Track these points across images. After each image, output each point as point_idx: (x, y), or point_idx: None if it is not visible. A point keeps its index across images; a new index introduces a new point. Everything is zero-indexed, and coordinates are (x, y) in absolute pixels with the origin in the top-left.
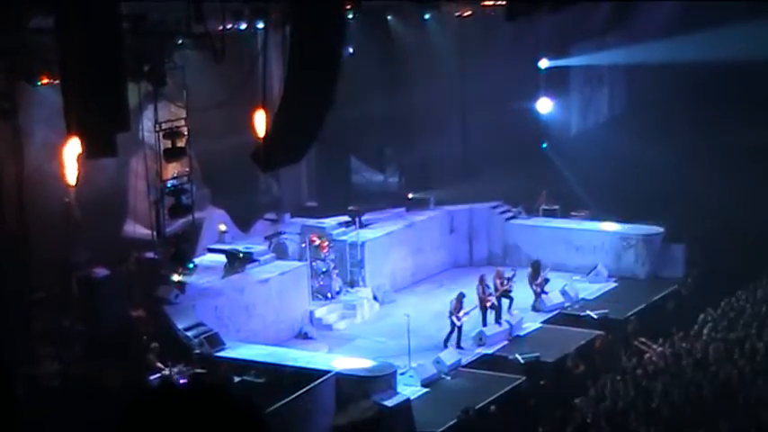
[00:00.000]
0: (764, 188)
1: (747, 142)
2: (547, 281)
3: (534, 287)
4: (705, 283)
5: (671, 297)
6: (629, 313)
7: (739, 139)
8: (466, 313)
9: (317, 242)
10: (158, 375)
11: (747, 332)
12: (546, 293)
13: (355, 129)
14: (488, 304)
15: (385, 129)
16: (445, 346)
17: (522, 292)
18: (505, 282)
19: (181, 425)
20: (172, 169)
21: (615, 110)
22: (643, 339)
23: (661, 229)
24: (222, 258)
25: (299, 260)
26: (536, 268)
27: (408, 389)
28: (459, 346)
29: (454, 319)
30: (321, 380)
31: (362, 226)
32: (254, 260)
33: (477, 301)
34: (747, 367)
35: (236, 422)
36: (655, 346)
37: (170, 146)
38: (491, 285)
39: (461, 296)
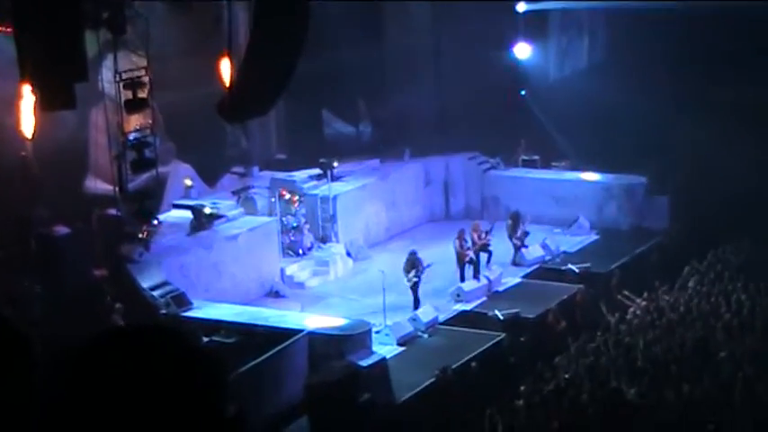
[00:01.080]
0: (750, 138)
1: (732, 91)
2: (527, 234)
3: (514, 241)
4: (690, 235)
5: (655, 249)
6: (612, 266)
7: (723, 87)
8: (419, 273)
9: (288, 196)
10: None
11: (734, 285)
12: (526, 247)
13: (326, 79)
14: (466, 259)
15: (357, 79)
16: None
17: (501, 246)
18: (483, 235)
19: (128, 367)
20: (134, 122)
21: (595, 57)
22: (626, 293)
23: (644, 180)
24: (188, 215)
25: (269, 215)
26: (515, 221)
27: (384, 348)
28: (415, 307)
29: (405, 280)
30: (293, 339)
31: (334, 179)
32: (222, 216)
33: (454, 257)
34: (734, 320)
35: (186, 362)
36: (638, 300)
37: (131, 97)
38: (469, 240)
39: (412, 254)
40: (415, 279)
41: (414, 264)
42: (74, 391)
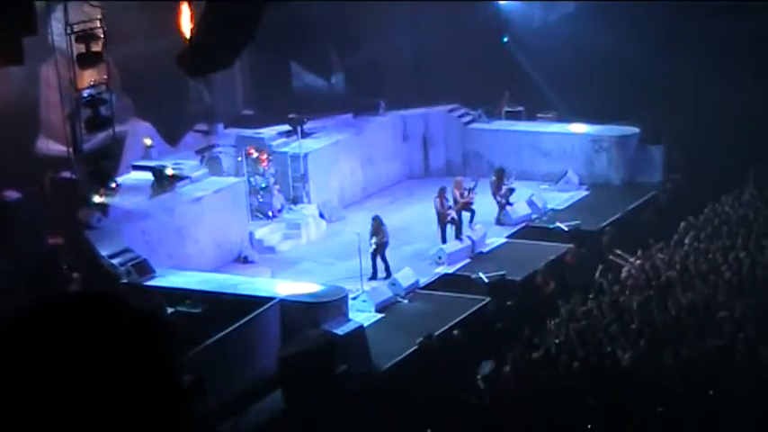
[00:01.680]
0: (749, 82)
1: (728, 32)
2: (512, 191)
3: (498, 198)
4: (686, 188)
5: (649, 204)
6: (604, 224)
7: (719, 29)
8: (383, 239)
9: (255, 155)
10: None
11: (733, 241)
12: (511, 205)
13: (294, 28)
14: (448, 219)
15: (328, 27)
16: (373, 278)
17: (485, 204)
18: (466, 193)
19: (66, 337)
20: (88, 77)
21: None
22: (619, 252)
23: (636, 130)
24: (149, 176)
25: (236, 176)
26: (499, 177)
27: (361, 315)
28: (387, 275)
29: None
30: (264, 308)
31: (305, 135)
32: (185, 177)
33: (435, 216)
34: (734, 278)
35: (131, 330)
36: (632, 260)
37: (84, 50)
38: (450, 198)
39: (375, 219)
40: (374, 246)
41: (378, 229)
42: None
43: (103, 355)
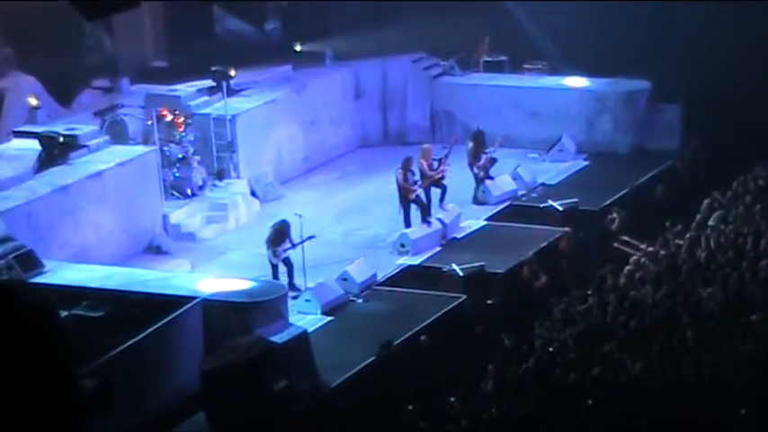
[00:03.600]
0: None
1: None
2: (493, 161)
3: (475, 170)
4: (709, 157)
5: (663, 177)
6: (607, 202)
7: None
8: (291, 246)
9: (170, 118)
10: None
11: (767, 223)
12: (492, 178)
13: None
14: (412, 197)
15: None
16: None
17: (460, 178)
18: (435, 164)
19: None
20: None
21: None
22: (626, 238)
23: (647, 85)
24: (35, 145)
25: (145, 144)
26: (477, 144)
27: (305, 318)
28: (290, 287)
29: (270, 253)
30: (182, 309)
31: (232, 93)
32: (82, 146)
33: (396, 194)
34: None
35: (20, 321)
36: (643, 246)
37: None
38: (416, 171)
39: (282, 225)
40: (285, 255)
41: (283, 234)
42: None
43: None
